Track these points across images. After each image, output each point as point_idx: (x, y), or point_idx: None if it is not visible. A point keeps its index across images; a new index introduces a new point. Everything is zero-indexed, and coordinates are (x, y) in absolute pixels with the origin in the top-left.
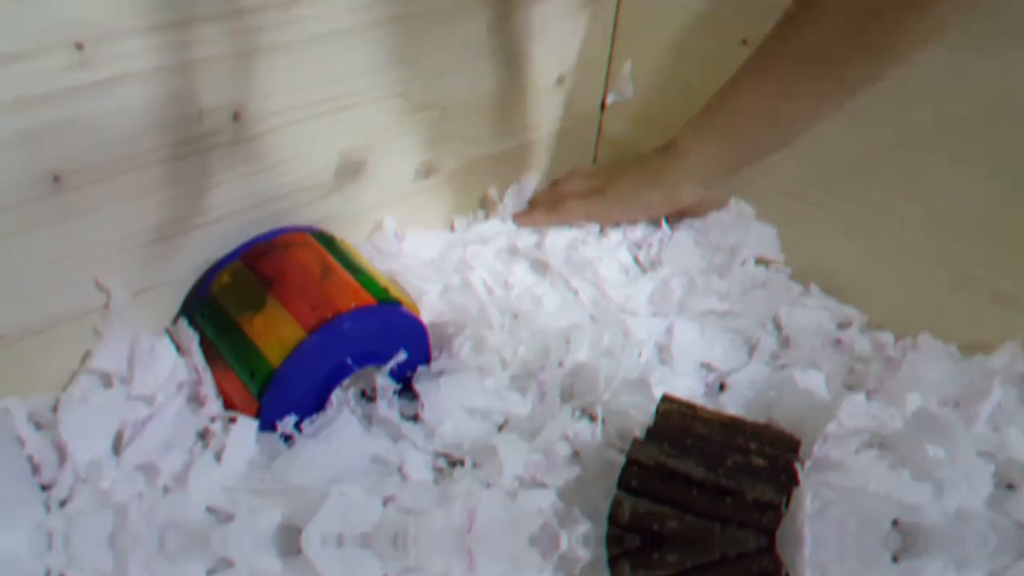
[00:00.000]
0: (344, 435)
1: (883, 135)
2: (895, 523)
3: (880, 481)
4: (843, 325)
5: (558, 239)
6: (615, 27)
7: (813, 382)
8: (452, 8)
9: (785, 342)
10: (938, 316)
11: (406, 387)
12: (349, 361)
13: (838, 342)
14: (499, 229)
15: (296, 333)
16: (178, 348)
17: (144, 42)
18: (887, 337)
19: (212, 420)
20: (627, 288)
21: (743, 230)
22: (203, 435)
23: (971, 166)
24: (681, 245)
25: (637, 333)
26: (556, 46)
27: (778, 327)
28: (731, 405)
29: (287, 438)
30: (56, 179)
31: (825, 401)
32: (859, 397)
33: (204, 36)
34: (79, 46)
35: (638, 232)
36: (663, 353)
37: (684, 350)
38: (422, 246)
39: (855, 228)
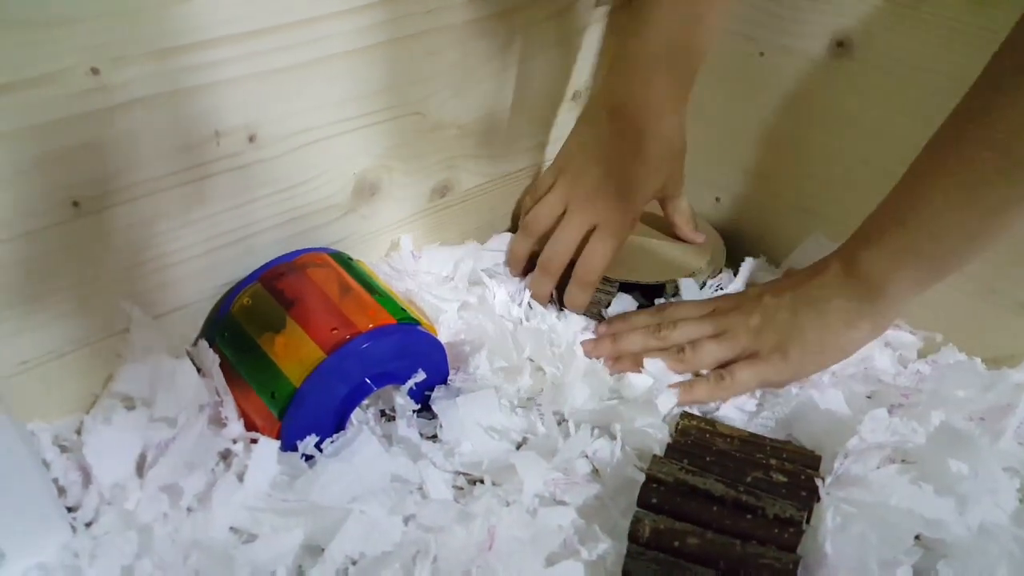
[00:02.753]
0: (364, 455)
1: (904, 148)
2: (917, 538)
3: (902, 496)
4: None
5: None
6: None
7: (833, 399)
8: (467, 26)
9: None
10: (962, 329)
11: (425, 406)
12: (368, 381)
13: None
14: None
15: (316, 354)
16: (199, 370)
17: (159, 65)
18: (911, 351)
19: (234, 441)
20: None
21: None
22: (225, 456)
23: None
24: None
25: None
26: (571, 62)
27: None
28: (751, 422)
29: (308, 458)
30: (75, 204)
31: (846, 416)
32: (881, 412)
33: (219, 58)
34: (95, 71)
35: None
36: None
37: None
38: (438, 264)
39: None
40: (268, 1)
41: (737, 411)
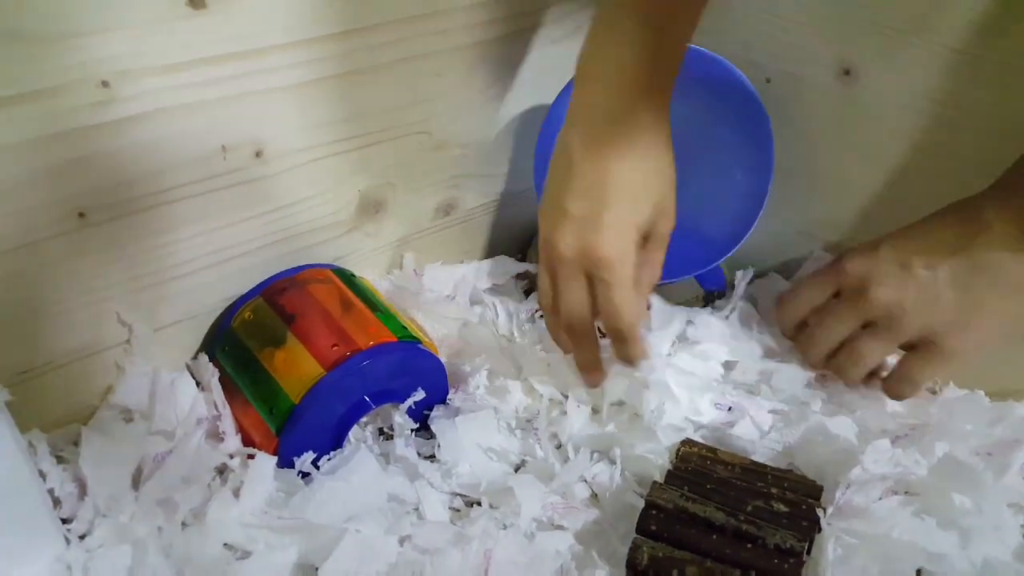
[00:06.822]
0: (361, 473)
1: (910, 176)
2: (919, 572)
3: (904, 529)
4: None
5: None
6: None
7: (842, 425)
8: (474, 48)
9: None
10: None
11: (423, 425)
12: (367, 399)
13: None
14: (517, 267)
15: (315, 370)
16: (198, 384)
17: (168, 80)
18: None
19: (231, 456)
20: None
21: None
22: (221, 471)
23: None
24: None
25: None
26: None
27: None
28: (753, 449)
29: (305, 475)
30: (80, 215)
31: (849, 446)
32: (884, 443)
33: (227, 74)
34: (104, 84)
35: None
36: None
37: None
38: (440, 283)
39: None
40: (277, 19)
41: (747, 432)
